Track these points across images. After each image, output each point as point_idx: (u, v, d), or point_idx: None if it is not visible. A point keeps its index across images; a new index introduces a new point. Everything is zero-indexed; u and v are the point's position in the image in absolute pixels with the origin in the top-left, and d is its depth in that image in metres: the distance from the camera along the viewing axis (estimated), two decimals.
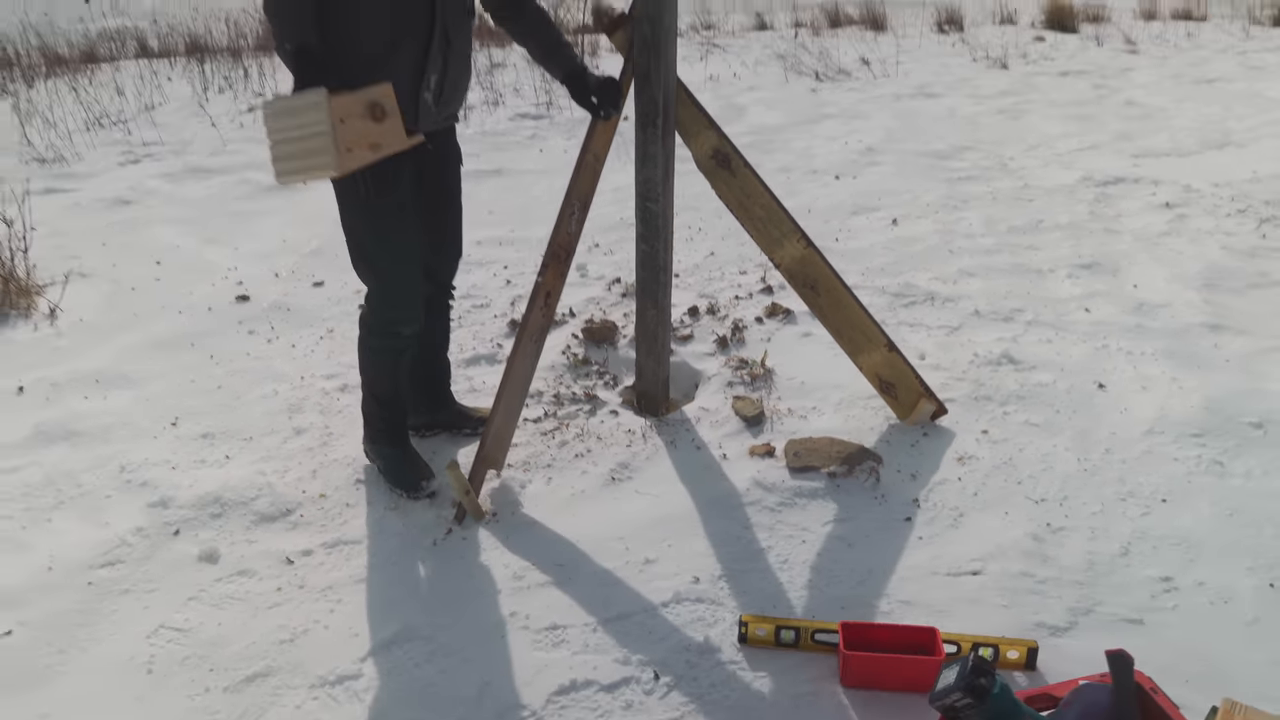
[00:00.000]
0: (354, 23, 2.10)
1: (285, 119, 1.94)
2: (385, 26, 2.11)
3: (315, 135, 1.89)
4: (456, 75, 2.31)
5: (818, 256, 2.58)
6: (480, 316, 3.51)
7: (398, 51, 2.14)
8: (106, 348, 3.35)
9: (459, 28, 2.26)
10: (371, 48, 2.12)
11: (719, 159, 2.51)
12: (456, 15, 2.24)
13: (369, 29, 2.10)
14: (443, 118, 2.35)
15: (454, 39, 2.24)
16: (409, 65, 2.17)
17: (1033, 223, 4.55)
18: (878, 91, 7.90)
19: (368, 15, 2.10)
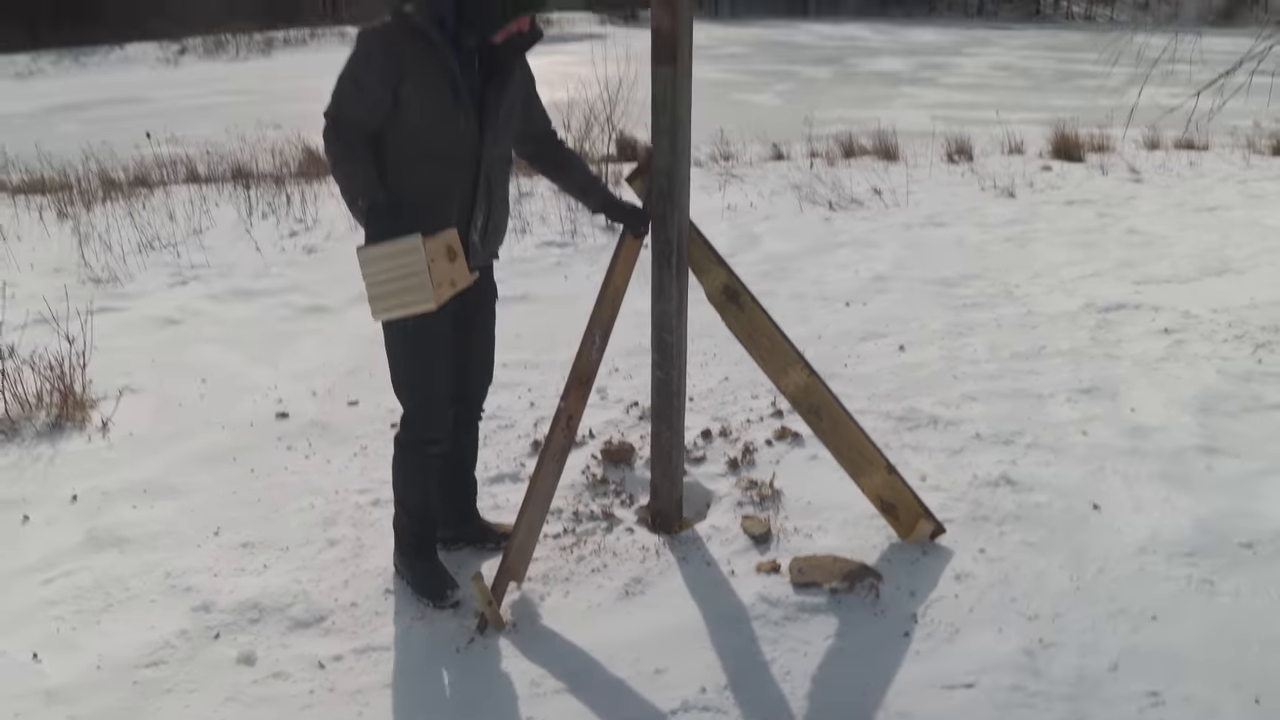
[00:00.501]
0: (412, 179, 2.43)
1: (383, 263, 2.24)
2: (438, 180, 2.46)
3: (413, 275, 2.19)
4: (499, 217, 2.69)
5: (819, 384, 2.78)
6: (505, 437, 3.73)
7: (449, 200, 2.48)
8: (154, 460, 3.57)
9: (499, 175, 2.62)
10: (427, 198, 2.44)
11: (728, 294, 2.75)
12: (497, 165, 2.59)
13: (425, 183, 2.45)
14: (487, 254, 2.70)
15: (495, 186, 2.60)
16: (459, 211, 2.51)
17: (1035, 348, 4.75)
18: (889, 220, 8.23)
19: (423, 172, 2.44)
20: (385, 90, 2.38)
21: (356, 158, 2.39)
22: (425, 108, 2.40)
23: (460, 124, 2.45)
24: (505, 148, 2.65)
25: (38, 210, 9.12)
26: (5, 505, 3.26)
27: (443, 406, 2.65)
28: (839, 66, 32.67)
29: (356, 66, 2.41)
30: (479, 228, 2.58)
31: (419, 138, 2.43)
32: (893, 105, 20.93)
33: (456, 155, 2.48)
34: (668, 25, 2.50)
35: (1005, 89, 25.05)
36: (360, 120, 2.41)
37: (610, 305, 2.66)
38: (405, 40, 2.39)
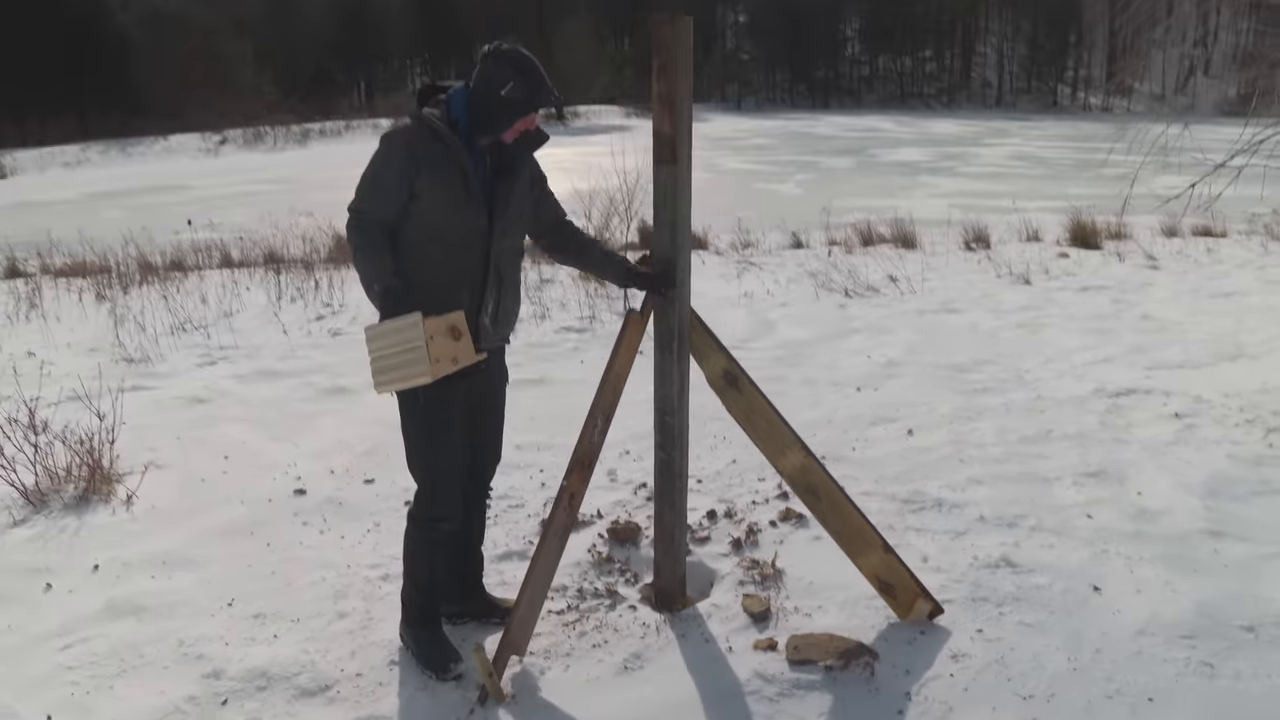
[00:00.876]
0: (425, 266, 2.63)
1: (386, 339, 2.43)
2: (450, 268, 2.66)
3: (412, 349, 2.37)
4: (509, 304, 2.85)
5: (817, 465, 2.86)
6: (515, 516, 3.81)
7: (460, 287, 2.67)
8: (175, 532, 3.69)
9: (509, 266, 2.80)
10: (440, 284, 2.63)
11: (728, 379, 2.85)
12: (507, 255, 2.78)
13: (438, 270, 2.64)
14: (498, 338, 2.86)
15: (505, 275, 2.78)
16: (470, 297, 2.69)
17: (1043, 432, 4.79)
18: (903, 307, 8.34)
19: (436, 260, 2.64)
20: (403, 186, 2.60)
21: (374, 246, 2.60)
22: (439, 201, 2.61)
23: (471, 217, 2.65)
24: (516, 240, 2.83)
25: (78, 292, 9.46)
26: (30, 574, 3.37)
27: (454, 485, 2.77)
28: (860, 157, 33.38)
29: (378, 166, 2.65)
30: (489, 312, 2.74)
31: (433, 228, 2.63)
32: (912, 194, 21.27)
33: (467, 245, 2.67)
34: (668, 128, 2.67)
35: (1023, 178, 25.45)
36: (379, 214, 2.63)
37: (612, 390, 2.77)
38: (423, 140, 2.62)
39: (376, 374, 2.45)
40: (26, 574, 3.38)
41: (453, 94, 2.72)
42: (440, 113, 2.67)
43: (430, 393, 2.55)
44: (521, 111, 2.64)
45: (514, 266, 2.85)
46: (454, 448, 2.74)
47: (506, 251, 2.77)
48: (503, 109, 2.63)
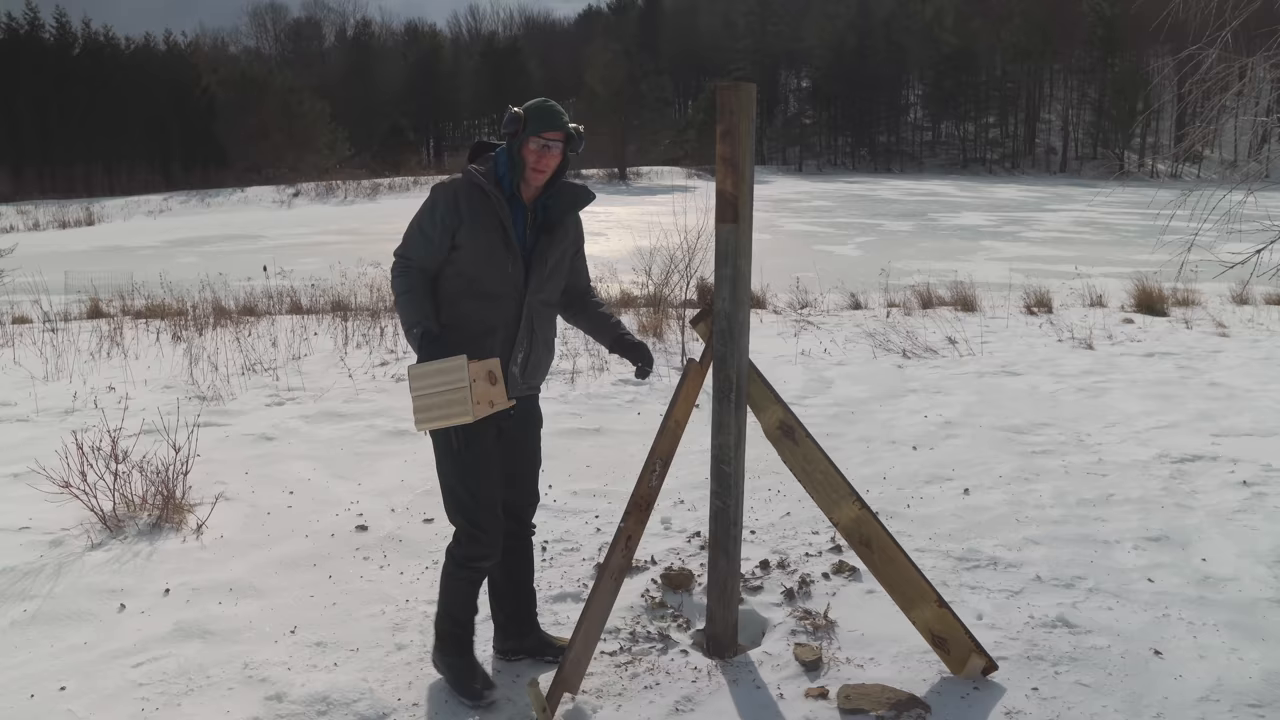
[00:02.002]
0: (462, 313, 2.77)
1: (430, 379, 2.54)
2: (485, 316, 2.78)
3: (455, 390, 2.49)
4: (539, 355, 2.94)
5: (871, 517, 2.88)
6: (570, 559, 3.87)
7: (493, 334, 2.79)
8: (242, 561, 3.82)
9: (542, 318, 2.92)
10: (474, 331, 2.77)
11: (784, 430, 2.90)
12: (540, 308, 2.90)
13: (473, 317, 2.77)
14: (526, 387, 2.94)
15: (537, 327, 2.89)
16: (502, 345, 2.80)
17: (1103, 496, 4.71)
18: (962, 369, 8.28)
19: (472, 308, 2.77)
20: (445, 236, 2.75)
21: (415, 291, 2.74)
22: (478, 251, 2.76)
23: (508, 268, 2.79)
24: (550, 295, 2.94)
25: (155, 333, 9.86)
26: (105, 594, 3.52)
27: (494, 523, 2.85)
28: (920, 220, 33.33)
29: (424, 216, 2.80)
30: (519, 362, 2.86)
31: (470, 277, 2.77)
32: (973, 258, 21.16)
33: (503, 295, 2.79)
34: (731, 189, 2.78)
35: (1088, 243, 25.15)
36: (422, 260, 2.78)
37: (670, 437, 2.84)
38: (468, 194, 2.78)
39: (418, 411, 2.56)
40: (102, 595, 3.53)
41: (498, 153, 2.88)
42: (487, 169, 2.83)
43: (465, 434, 2.68)
44: (523, 135, 2.75)
45: (547, 320, 2.95)
46: (490, 485, 2.83)
47: (540, 305, 2.88)
48: (512, 142, 2.78)
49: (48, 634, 3.25)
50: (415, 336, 2.68)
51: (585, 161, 60.42)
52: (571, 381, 7.26)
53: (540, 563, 3.79)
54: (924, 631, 2.91)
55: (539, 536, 4.06)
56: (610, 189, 52.12)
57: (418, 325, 2.68)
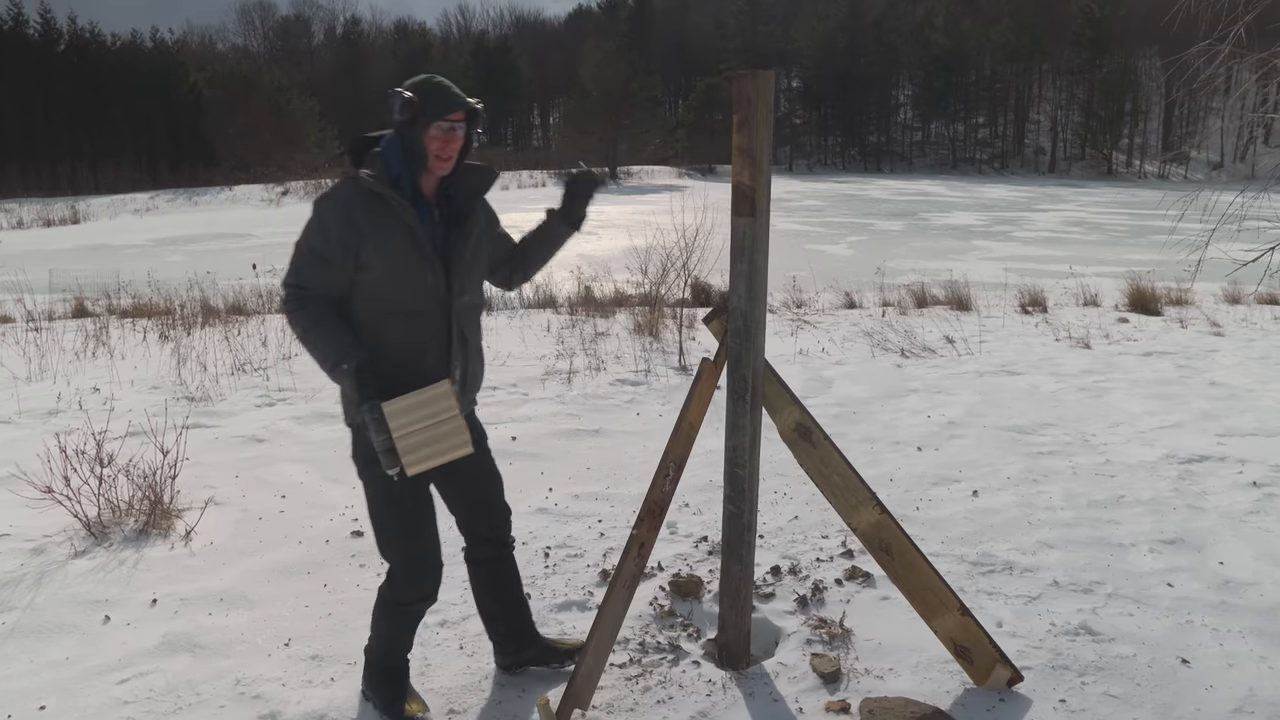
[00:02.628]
0: (384, 338, 2.47)
1: (412, 413, 2.32)
2: (411, 337, 2.49)
3: (445, 420, 2.31)
4: (475, 366, 2.69)
5: (892, 522, 2.77)
6: (574, 565, 3.74)
7: (424, 355, 2.52)
8: (232, 570, 3.67)
9: (471, 325, 2.65)
10: (402, 355, 2.49)
11: (801, 431, 2.79)
12: (466, 313, 2.62)
13: (399, 341, 2.48)
14: (468, 402, 2.70)
15: (469, 336, 2.63)
16: (435, 365, 2.54)
17: (1114, 497, 4.63)
18: (961, 368, 8.20)
19: (395, 330, 2.47)
20: (348, 257, 2.41)
21: (326, 323, 2.39)
22: (390, 267, 2.43)
23: (427, 278, 2.48)
24: (475, 294, 2.66)
25: (142, 332, 9.68)
26: (89, 605, 3.38)
27: (433, 567, 2.64)
28: (911, 220, 33.28)
29: (314, 238, 2.42)
30: (457, 379, 2.58)
31: (387, 297, 2.45)
32: (966, 257, 21.12)
33: (426, 310, 2.49)
34: (748, 181, 2.66)
35: (1079, 243, 25.15)
36: (324, 288, 2.43)
37: (684, 440, 2.72)
38: (363, 203, 2.41)
39: (406, 452, 2.29)
40: (86, 606, 3.39)
41: (387, 145, 2.50)
42: (377, 170, 2.45)
43: (408, 478, 2.41)
44: (424, 123, 2.41)
45: (475, 325, 2.69)
46: (431, 527, 2.62)
47: (466, 309, 2.61)
48: (408, 132, 2.42)
49: (27, 649, 3.11)
50: (347, 373, 2.34)
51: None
52: (568, 381, 7.13)
53: (544, 569, 3.67)
54: (946, 641, 2.80)
55: (540, 542, 3.94)
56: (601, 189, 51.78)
57: (346, 359, 2.34)
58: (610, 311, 10.60)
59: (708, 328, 2.86)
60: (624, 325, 9.68)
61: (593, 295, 11.57)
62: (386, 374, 2.40)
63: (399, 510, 2.54)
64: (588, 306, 10.85)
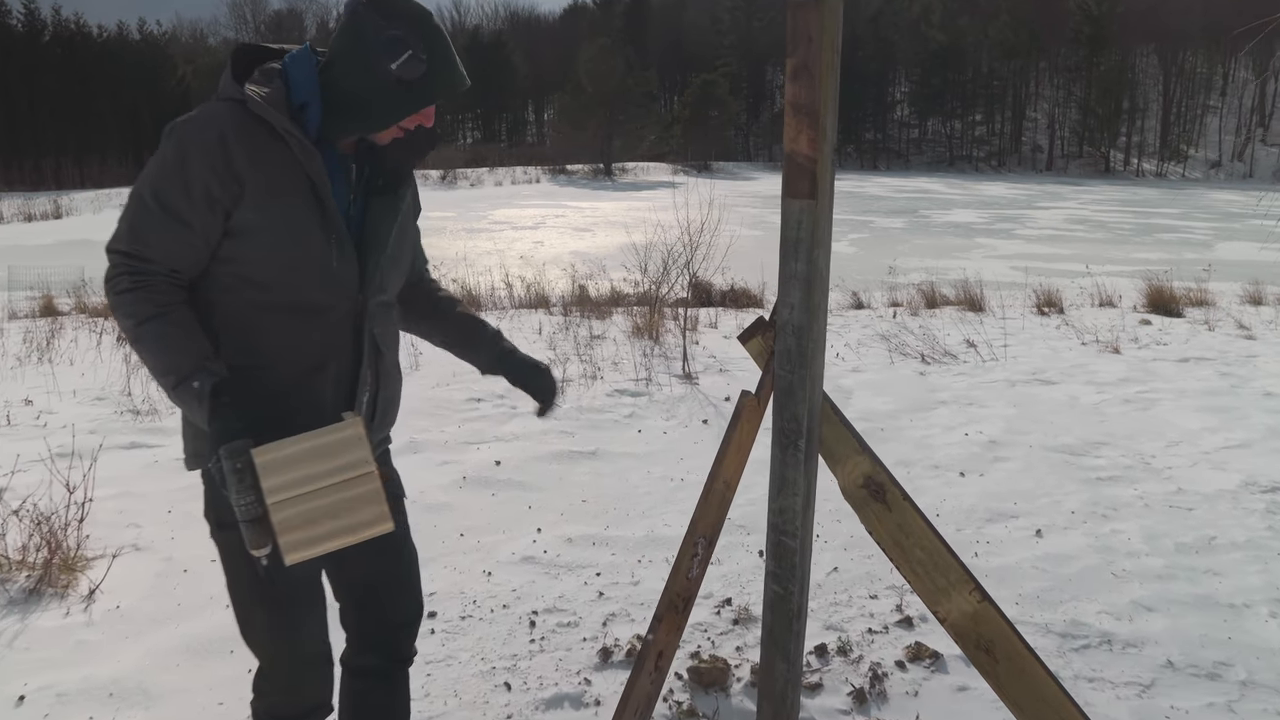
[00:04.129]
0: (263, 348, 1.66)
1: (300, 467, 1.49)
2: (306, 347, 1.68)
3: (356, 480, 1.49)
4: (391, 391, 1.88)
5: (994, 612, 2.04)
6: (565, 639, 3.00)
7: (320, 374, 1.70)
8: (135, 648, 2.92)
9: (387, 334, 1.85)
10: (289, 372, 1.67)
11: (872, 489, 2.06)
12: (383, 318, 1.82)
13: (286, 351, 1.67)
14: (379, 442, 1.89)
15: (384, 348, 1.83)
16: (335, 387, 1.73)
17: (1203, 539, 3.93)
18: (989, 377, 7.53)
19: (283, 335, 1.66)
20: (213, 217, 1.59)
21: (173, 315, 1.59)
22: (277, 238, 1.62)
23: (332, 260, 1.67)
24: (394, 292, 1.88)
25: (99, 334, 8.92)
26: None
27: (316, 665, 1.89)
28: (912, 217, 32.68)
29: (165, 184, 1.59)
30: (363, 409, 1.78)
31: (268, 284, 1.64)
32: (970, 255, 20.61)
33: (327, 305, 1.69)
34: (806, 149, 1.92)
35: (1084, 241, 24.63)
36: (171, 260, 1.61)
37: (717, 506, 1.99)
38: (244, 139, 1.59)
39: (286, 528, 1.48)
40: None
41: (293, 61, 1.70)
42: (272, 91, 1.63)
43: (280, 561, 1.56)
44: (422, 98, 1.68)
45: (393, 333, 1.90)
46: (316, 620, 1.86)
47: (381, 310, 1.81)
48: (394, 90, 1.64)
49: None
50: (199, 394, 1.54)
51: (569, 157, 59.62)
52: (562, 392, 6.39)
53: (529, 645, 2.93)
54: None
55: (525, 605, 3.21)
56: (595, 184, 51.17)
57: (199, 374, 1.55)
58: (607, 312, 9.87)
59: (745, 348, 2.14)
60: (621, 328, 8.95)
61: (588, 294, 10.84)
62: (260, 400, 1.62)
63: (267, 595, 1.75)
64: (582, 306, 10.12)
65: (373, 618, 1.97)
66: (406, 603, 2.00)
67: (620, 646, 2.88)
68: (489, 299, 11.04)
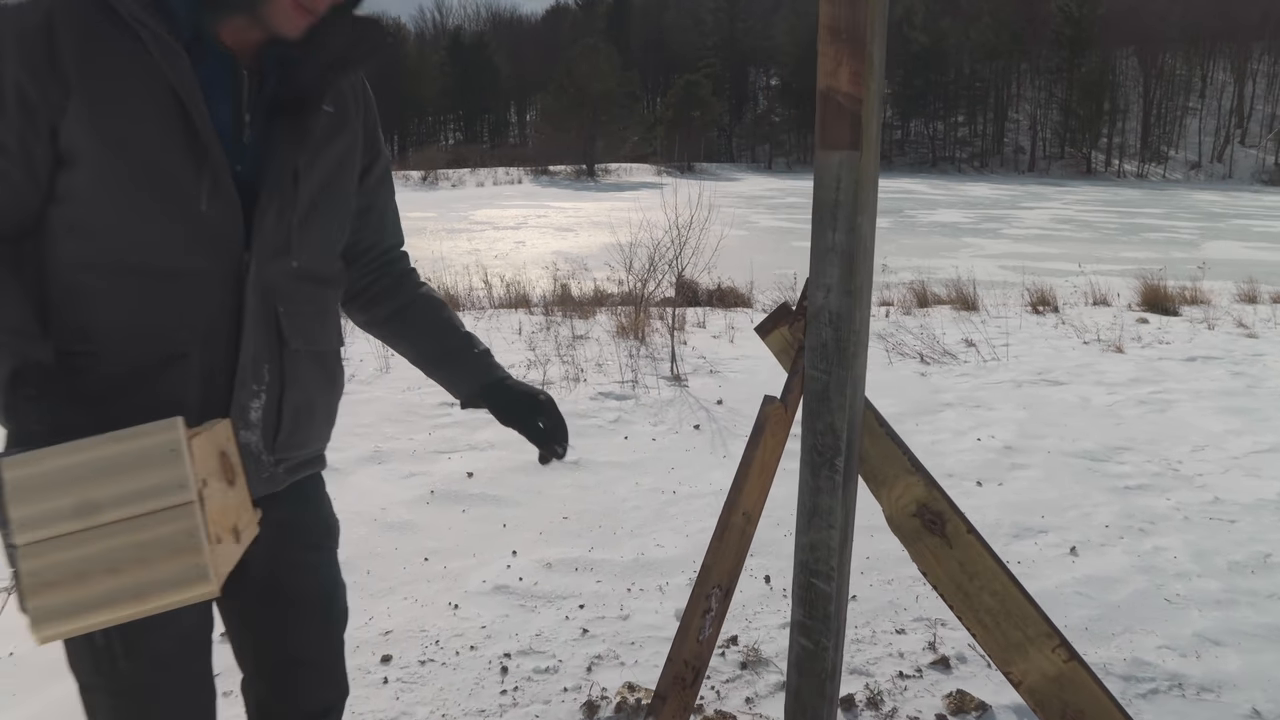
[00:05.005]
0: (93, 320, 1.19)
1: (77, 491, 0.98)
2: (153, 322, 1.19)
3: (164, 513, 0.99)
4: (307, 397, 1.35)
5: (1086, 676, 1.62)
6: (543, 689, 2.53)
7: (181, 365, 1.21)
8: (32, 702, 2.44)
9: (298, 315, 1.32)
10: (127, 359, 1.19)
11: (927, 519, 1.64)
12: (298, 301, 1.32)
13: (120, 327, 1.19)
14: (284, 471, 1.36)
15: (289, 335, 1.30)
16: (204, 386, 1.23)
17: (1257, 557, 3.53)
18: (994, 377, 7.16)
19: (115, 305, 1.18)
20: (32, 130, 1.13)
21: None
22: (114, 169, 1.15)
23: (200, 203, 1.19)
24: (313, 258, 1.34)
25: None
26: None
27: None
28: (897, 217, 32.42)
29: None
30: (255, 418, 1.28)
31: (96, 232, 1.17)
32: (959, 255, 20.41)
33: (190, 271, 1.21)
34: (847, 85, 1.49)
35: (1072, 241, 24.45)
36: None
37: (736, 546, 1.56)
38: (73, 28, 1.13)
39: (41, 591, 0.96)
40: None
41: None
42: None
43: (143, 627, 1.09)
44: None
45: (311, 316, 1.36)
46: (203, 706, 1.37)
47: (290, 285, 1.31)
48: None
49: None
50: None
51: (552, 158, 59.19)
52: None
53: (499, 697, 2.48)
54: None
55: (497, 645, 2.75)
56: (578, 185, 50.67)
57: None
58: (590, 312, 9.42)
59: (765, 343, 1.71)
60: (605, 328, 8.50)
61: (570, 294, 10.38)
62: (93, 396, 1.16)
63: (123, 691, 1.25)
64: (565, 306, 9.67)
65: (285, 702, 1.51)
66: (327, 686, 1.54)
67: (608, 699, 2.44)
68: (467, 299, 10.56)
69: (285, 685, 1.49)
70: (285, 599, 1.44)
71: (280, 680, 1.49)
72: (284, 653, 1.47)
